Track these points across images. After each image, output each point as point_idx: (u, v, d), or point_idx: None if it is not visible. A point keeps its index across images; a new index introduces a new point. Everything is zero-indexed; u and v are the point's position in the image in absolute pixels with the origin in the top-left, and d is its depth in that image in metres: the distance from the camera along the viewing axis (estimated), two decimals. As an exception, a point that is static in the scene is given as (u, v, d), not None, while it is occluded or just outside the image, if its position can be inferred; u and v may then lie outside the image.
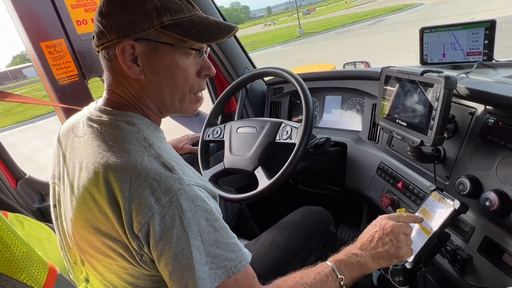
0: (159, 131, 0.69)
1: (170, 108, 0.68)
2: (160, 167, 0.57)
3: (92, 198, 0.59)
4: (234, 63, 1.57)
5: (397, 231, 0.73)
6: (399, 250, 0.72)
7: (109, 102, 0.66)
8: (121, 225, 0.56)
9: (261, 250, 1.00)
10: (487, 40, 1.01)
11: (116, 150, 0.58)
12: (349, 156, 1.28)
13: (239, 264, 0.60)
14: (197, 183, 0.59)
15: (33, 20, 1.70)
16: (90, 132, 0.63)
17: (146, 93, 0.65)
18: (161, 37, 0.61)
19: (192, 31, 0.62)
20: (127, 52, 0.60)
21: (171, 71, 0.63)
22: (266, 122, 1.14)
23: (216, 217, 0.59)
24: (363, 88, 1.29)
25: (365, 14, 26.80)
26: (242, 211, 1.33)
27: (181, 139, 1.46)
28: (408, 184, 1.00)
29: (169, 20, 0.60)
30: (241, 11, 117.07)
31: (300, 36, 23.11)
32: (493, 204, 0.70)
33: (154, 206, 0.54)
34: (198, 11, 0.66)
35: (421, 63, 1.17)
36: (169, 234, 0.55)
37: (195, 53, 0.65)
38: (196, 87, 0.68)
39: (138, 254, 0.58)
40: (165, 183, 0.55)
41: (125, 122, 0.62)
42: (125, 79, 0.63)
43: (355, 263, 0.72)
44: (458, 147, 0.85)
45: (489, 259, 0.74)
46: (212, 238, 0.58)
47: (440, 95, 0.74)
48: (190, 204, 0.56)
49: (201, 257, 0.56)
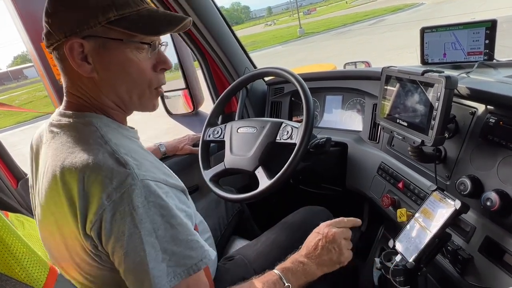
0: (124, 128, 0.67)
1: (129, 105, 0.67)
2: (113, 163, 0.56)
3: (53, 202, 0.58)
4: (235, 63, 1.57)
5: (338, 238, 0.79)
6: (340, 256, 0.79)
7: (69, 105, 0.65)
8: (77, 226, 0.56)
9: (262, 250, 1.00)
10: (488, 40, 1.01)
11: (72, 151, 0.58)
12: (350, 156, 1.28)
13: (200, 262, 0.58)
14: (155, 178, 0.58)
15: (34, 21, 1.70)
16: (51, 138, 0.63)
17: (102, 91, 0.64)
18: (109, 33, 0.59)
19: (140, 24, 0.60)
20: (76, 50, 0.59)
21: (124, 67, 0.62)
22: (266, 122, 1.14)
23: (173, 213, 0.57)
24: (363, 88, 1.28)
25: (366, 14, 26.78)
26: (243, 211, 1.33)
27: (181, 140, 1.46)
28: (409, 184, 1.00)
29: (115, 15, 0.59)
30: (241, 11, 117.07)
31: (300, 36, 23.10)
32: (494, 204, 0.70)
33: (105, 203, 0.53)
34: (146, 4, 0.64)
35: (421, 63, 1.17)
36: (120, 231, 0.54)
37: (148, 47, 0.63)
38: (155, 82, 0.67)
39: (95, 255, 0.57)
40: (117, 179, 0.54)
41: (83, 124, 0.62)
42: (79, 78, 0.62)
43: (301, 271, 0.75)
44: (459, 147, 0.85)
45: (490, 259, 0.74)
46: (168, 235, 0.56)
47: (441, 95, 0.74)
48: (143, 200, 0.54)
49: (157, 254, 0.55)
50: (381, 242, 1.26)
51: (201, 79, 1.74)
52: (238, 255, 1.00)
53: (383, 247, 1.23)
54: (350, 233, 0.82)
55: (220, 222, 1.22)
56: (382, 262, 0.79)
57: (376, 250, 1.26)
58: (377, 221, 1.35)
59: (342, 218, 0.85)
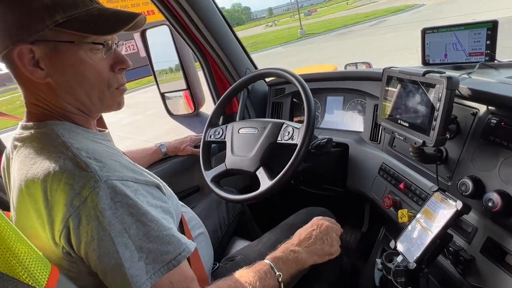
0: (89, 132, 0.66)
1: (91, 107, 0.65)
2: (74, 168, 0.54)
3: (23, 215, 0.58)
4: (236, 64, 1.57)
5: (330, 231, 0.85)
6: (331, 248, 0.83)
7: (30, 116, 0.63)
8: (47, 237, 0.55)
9: (263, 251, 1.00)
10: (489, 40, 1.01)
11: (34, 162, 0.57)
12: (351, 157, 1.28)
13: (179, 255, 0.58)
14: (121, 177, 0.56)
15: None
16: (16, 152, 0.62)
17: (60, 96, 0.62)
18: (59, 36, 0.57)
19: (91, 25, 0.58)
20: (26, 56, 0.57)
21: (79, 69, 0.60)
22: (267, 122, 1.14)
23: (143, 211, 0.56)
24: (364, 88, 1.28)
25: (367, 15, 26.78)
26: (244, 211, 1.33)
27: (183, 140, 1.46)
28: (410, 185, 0.99)
29: (63, 17, 0.56)
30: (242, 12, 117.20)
31: (301, 37, 23.10)
32: (495, 205, 0.70)
33: (70, 210, 0.52)
34: (96, 3, 0.62)
35: (423, 63, 1.17)
36: (90, 236, 0.52)
37: (102, 47, 0.61)
38: (114, 83, 0.65)
39: (71, 263, 0.57)
40: (79, 184, 0.53)
41: (44, 133, 0.60)
42: (35, 86, 0.60)
43: (293, 259, 0.76)
44: (460, 147, 0.85)
45: (492, 260, 0.73)
46: (141, 233, 0.55)
47: (442, 96, 0.74)
48: (109, 202, 0.53)
49: (132, 254, 0.54)
50: (382, 243, 1.26)
51: (202, 80, 1.75)
52: (239, 256, 1.00)
53: (384, 248, 1.23)
54: (340, 231, 0.88)
55: (221, 223, 1.22)
56: (383, 263, 0.79)
57: (377, 251, 1.25)
58: (378, 222, 1.35)
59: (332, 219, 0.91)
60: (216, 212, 1.24)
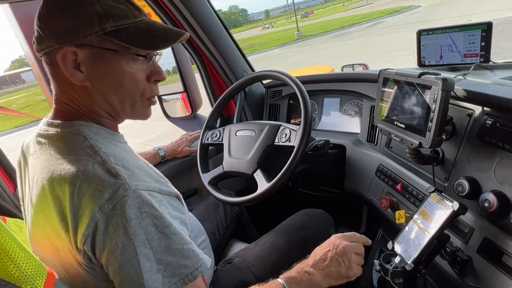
0: (114, 135, 0.66)
1: (121, 113, 0.66)
2: (104, 173, 0.55)
3: (44, 215, 0.57)
4: (233, 66, 1.57)
5: (349, 251, 0.76)
6: (349, 271, 0.75)
7: (57, 114, 0.64)
8: (69, 240, 0.55)
9: (260, 253, 1.00)
10: (484, 42, 1.01)
11: (61, 163, 0.56)
12: (348, 158, 1.28)
13: (196, 270, 0.58)
14: (148, 187, 0.57)
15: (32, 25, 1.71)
16: (39, 149, 0.62)
17: (94, 100, 0.62)
18: (104, 43, 0.58)
19: (138, 38, 0.60)
20: (69, 58, 0.57)
21: (118, 77, 0.61)
22: (265, 125, 1.14)
23: (167, 223, 0.56)
24: (361, 90, 1.29)
25: (363, 17, 26.92)
26: (242, 214, 1.33)
27: (179, 142, 1.46)
28: (407, 186, 1.00)
29: (112, 26, 0.58)
30: (239, 14, 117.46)
31: (298, 38, 23.17)
32: (492, 205, 0.70)
33: (97, 216, 0.52)
34: (145, 16, 0.63)
35: (418, 65, 1.18)
36: (114, 244, 0.53)
37: (143, 58, 0.63)
38: (148, 93, 0.66)
39: (90, 268, 0.57)
40: (109, 191, 0.53)
41: (72, 133, 0.60)
42: (70, 86, 0.61)
43: (306, 281, 0.72)
44: (456, 148, 0.86)
45: (488, 261, 0.74)
46: (162, 245, 0.55)
47: (437, 97, 0.74)
48: (136, 211, 0.53)
49: (151, 265, 0.54)
50: (380, 244, 1.26)
51: (199, 82, 1.75)
52: (237, 258, 1.00)
53: (382, 249, 1.23)
54: (362, 249, 0.79)
55: (219, 225, 1.22)
56: (381, 264, 0.79)
57: (375, 252, 1.26)
58: (376, 223, 1.35)
59: (354, 233, 0.82)
60: (214, 214, 1.24)
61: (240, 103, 1.39)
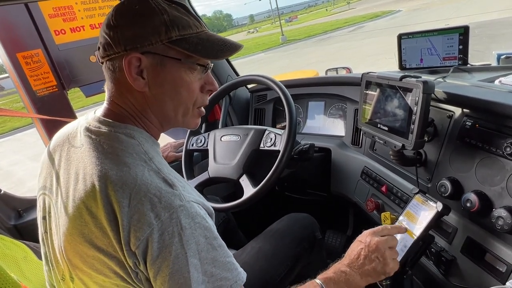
0: (157, 145, 0.68)
1: (172, 121, 0.68)
2: (160, 182, 0.56)
3: (88, 211, 0.57)
4: (217, 71, 1.56)
5: (382, 247, 0.73)
6: (385, 267, 0.73)
7: (109, 113, 0.64)
8: (118, 241, 0.54)
9: (248, 260, 0.99)
10: (462, 45, 1.04)
11: (116, 163, 0.57)
12: (334, 161, 1.29)
13: (235, 283, 0.59)
14: (196, 200, 0.59)
15: (9, 30, 1.65)
16: (88, 143, 0.61)
17: (149, 106, 0.64)
18: (168, 51, 0.61)
19: (200, 47, 0.62)
20: (134, 65, 0.60)
21: (176, 85, 0.63)
22: (250, 129, 1.14)
23: (215, 235, 0.59)
24: (345, 93, 1.30)
25: (346, 21, 27.40)
26: (229, 220, 1.32)
27: (164, 148, 1.44)
28: (392, 188, 1.01)
29: (177, 35, 0.60)
30: (223, 19, 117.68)
31: (283, 43, 23.38)
32: (473, 205, 0.71)
33: (153, 222, 0.53)
34: (205, 28, 0.67)
35: (400, 68, 1.20)
36: (167, 252, 0.54)
37: (200, 68, 0.66)
38: (200, 102, 0.69)
39: (133, 272, 0.56)
40: (166, 199, 0.54)
41: (125, 135, 0.61)
42: (129, 91, 0.63)
43: (344, 281, 0.72)
44: (438, 150, 0.87)
45: (472, 260, 0.75)
46: (210, 257, 0.57)
47: (419, 100, 0.75)
48: (190, 221, 0.55)
49: (198, 276, 0.55)
50: (367, 246, 1.27)
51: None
52: (224, 266, 0.98)
53: (369, 251, 1.24)
54: (395, 242, 0.76)
55: (206, 232, 1.20)
56: (368, 267, 0.79)
57: (363, 254, 1.26)
58: (362, 225, 1.36)
59: (385, 226, 0.79)
60: (200, 221, 1.23)
61: (225, 108, 1.38)
